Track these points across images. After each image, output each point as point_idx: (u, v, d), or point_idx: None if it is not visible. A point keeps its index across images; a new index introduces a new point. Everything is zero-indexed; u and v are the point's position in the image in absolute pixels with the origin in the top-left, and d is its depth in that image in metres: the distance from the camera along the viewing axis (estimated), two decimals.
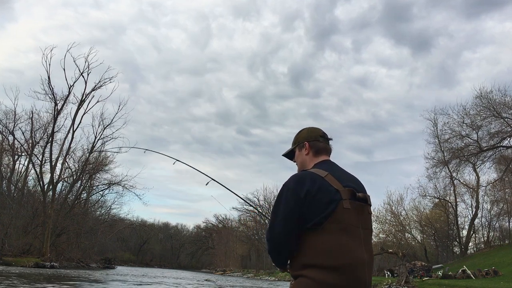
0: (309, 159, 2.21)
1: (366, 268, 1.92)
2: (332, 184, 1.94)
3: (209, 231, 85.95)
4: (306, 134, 2.28)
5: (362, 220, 1.98)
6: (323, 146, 2.24)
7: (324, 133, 2.30)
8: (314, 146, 2.22)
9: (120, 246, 74.70)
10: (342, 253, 1.86)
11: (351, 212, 1.93)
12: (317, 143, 2.23)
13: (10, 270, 23.49)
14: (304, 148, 2.24)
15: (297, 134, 2.33)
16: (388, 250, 24.71)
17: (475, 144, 34.04)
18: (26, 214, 37.18)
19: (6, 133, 39.74)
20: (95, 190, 47.46)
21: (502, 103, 31.26)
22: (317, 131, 2.29)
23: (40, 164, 39.10)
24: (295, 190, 1.93)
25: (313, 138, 2.24)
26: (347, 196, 1.93)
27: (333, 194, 1.92)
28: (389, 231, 38.70)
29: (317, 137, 2.25)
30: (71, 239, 41.91)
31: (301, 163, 2.26)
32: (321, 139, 2.25)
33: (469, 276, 22.12)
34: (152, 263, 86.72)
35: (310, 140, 2.24)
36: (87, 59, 38.73)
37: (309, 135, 2.26)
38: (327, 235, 1.88)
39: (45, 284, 15.91)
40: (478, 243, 41.49)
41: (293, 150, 2.31)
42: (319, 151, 2.22)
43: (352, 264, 1.87)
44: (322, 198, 1.90)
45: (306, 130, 2.30)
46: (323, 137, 2.26)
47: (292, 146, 2.32)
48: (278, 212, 1.95)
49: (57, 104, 38.71)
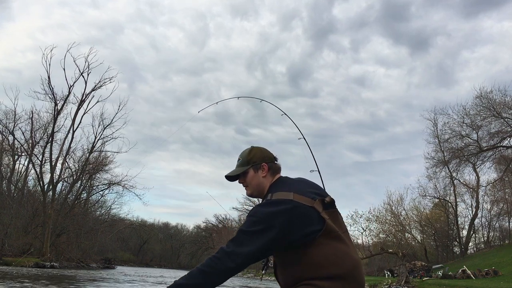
0: (266, 180, 2.14)
1: (361, 268, 1.97)
2: (304, 202, 1.91)
3: (209, 231, 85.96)
4: (262, 154, 2.19)
5: (339, 224, 2.00)
6: (277, 167, 2.19)
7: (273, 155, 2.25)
8: (272, 168, 2.16)
9: (120, 246, 74.65)
10: (342, 261, 1.88)
11: (331, 220, 1.95)
12: (274, 164, 2.18)
13: (10, 270, 23.48)
14: (261, 170, 2.15)
15: (247, 155, 2.20)
16: (388, 250, 24.69)
17: (475, 144, 34.04)
18: (26, 214, 37.18)
19: (6, 133, 39.78)
20: (95, 190, 47.49)
21: (502, 103, 31.27)
22: (270, 153, 2.23)
23: (40, 164, 39.12)
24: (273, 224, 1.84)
25: (270, 159, 2.18)
26: (321, 207, 1.93)
27: (310, 212, 1.90)
28: (389, 231, 38.66)
29: (273, 158, 2.20)
30: (71, 239, 41.88)
31: (258, 185, 2.16)
32: (275, 161, 2.21)
33: (469, 276, 22.12)
34: (152, 263, 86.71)
35: (268, 162, 2.17)
36: (87, 59, 38.80)
37: (265, 155, 2.19)
38: (324, 246, 1.87)
39: (45, 284, 15.91)
40: (478, 243, 41.52)
41: (246, 171, 2.17)
42: (275, 172, 2.17)
43: (355, 268, 1.91)
44: (308, 221, 1.88)
45: (260, 151, 2.22)
46: (275, 159, 2.22)
47: (245, 166, 2.18)
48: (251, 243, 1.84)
49: (57, 104, 38.76)
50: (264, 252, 1.88)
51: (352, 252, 1.96)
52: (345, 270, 1.87)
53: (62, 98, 38.79)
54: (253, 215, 1.91)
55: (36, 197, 41.37)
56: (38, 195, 41.27)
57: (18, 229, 34.78)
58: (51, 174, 38.88)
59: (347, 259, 1.90)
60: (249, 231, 1.86)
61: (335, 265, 1.86)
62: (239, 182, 2.23)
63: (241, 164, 2.21)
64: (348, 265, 1.89)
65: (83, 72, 38.86)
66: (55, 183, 38.92)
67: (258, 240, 1.84)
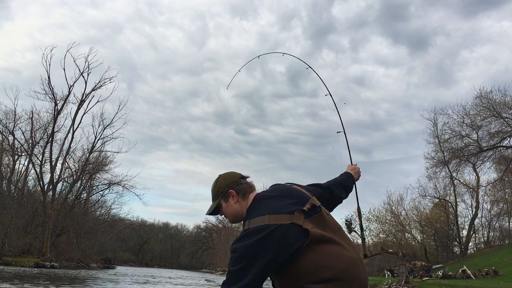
0: (240, 205, 2.10)
1: (358, 264, 1.93)
2: (281, 222, 1.88)
3: (209, 231, 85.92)
4: (225, 182, 2.14)
5: (327, 226, 1.98)
6: (246, 186, 2.14)
7: (240, 174, 2.19)
8: (240, 191, 2.11)
9: (120, 246, 74.64)
10: (335, 261, 1.88)
11: (317, 227, 1.93)
12: (241, 186, 2.12)
13: (10, 270, 23.48)
14: (231, 197, 2.11)
15: (214, 187, 2.17)
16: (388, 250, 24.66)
17: (475, 144, 34.01)
18: (26, 214, 37.17)
19: (6, 133, 39.81)
20: (95, 190, 47.54)
21: (502, 103, 31.24)
22: (234, 175, 2.17)
23: (40, 164, 39.14)
24: (255, 256, 1.84)
25: (234, 183, 2.13)
26: (301, 219, 1.91)
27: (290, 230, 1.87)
28: (389, 231, 38.65)
29: (238, 180, 2.14)
30: (71, 239, 41.90)
31: (234, 213, 2.12)
32: (243, 181, 2.15)
33: (469, 276, 22.10)
34: (152, 263, 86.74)
35: (233, 187, 2.11)
36: (87, 59, 38.83)
37: (229, 182, 2.14)
38: (312, 254, 1.87)
39: (45, 284, 15.90)
40: (478, 243, 41.51)
41: (218, 204, 2.15)
42: (246, 192, 2.11)
43: (350, 266, 1.89)
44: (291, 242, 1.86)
45: (223, 178, 2.17)
46: (242, 178, 2.17)
47: (216, 200, 2.15)
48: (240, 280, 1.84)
49: (57, 104, 38.80)
50: (258, 281, 1.86)
51: (347, 251, 1.93)
52: (337, 271, 1.85)
53: (62, 98, 38.89)
54: (234, 251, 1.89)
55: (36, 197, 41.37)
56: (38, 195, 41.28)
57: (18, 229, 34.77)
58: (51, 174, 38.96)
59: (338, 260, 1.88)
60: (235, 269, 1.85)
61: (326, 268, 1.86)
62: (220, 215, 2.22)
63: (213, 199, 2.19)
64: (341, 266, 1.87)
65: (83, 72, 38.95)
66: (55, 183, 38.94)
67: (246, 276, 1.83)
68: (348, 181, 2.56)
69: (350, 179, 2.57)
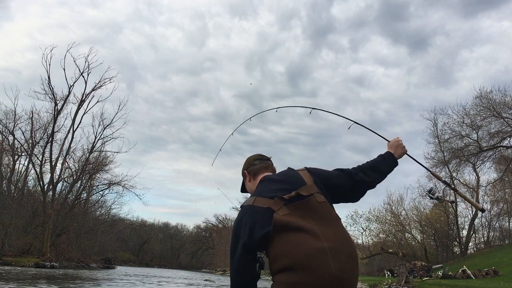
0: (252, 184, 2.37)
1: (329, 257, 1.83)
2: (260, 205, 2.04)
3: (209, 231, 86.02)
4: (245, 164, 2.47)
5: (310, 215, 1.98)
6: (259, 167, 2.40)
7: (259, 155, 2.47)
8: (251, 172, 2.41)
9: (120, 246, 74.67)
10: (293, 251, 1.88)
11: (292, 215, 1.96)
12: (253, 167, 2.41)
13: (10, 270, 23.48)
14: (246, 177, 2.44)
15: (242, 168, 2.50)
16: (388, 250, 24.68)
17: (475, 144, 34.00)
18: (26, 214, 37.18)
19: (6, 133, 39.83)
20: (95, 190, 47.58)
21: (502, 103, 31.21)
22: (252, 157, 2.47)
23: (40, 164, 39.15)
24: (237, 234, 2.07)
25: (249, 164, 2.43)
26: (279, 205, 2.00)
27: (263, 214, 2.00)
28: (389, 231, 38.68)
29: (252, 162, 2.43)
30: (71, 239, 41.91)
31: (249, 191, 2.42)
32: (256, 162, 2.42)
33: (469, 276, 22.10)
34: (152, 263, 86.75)
35: (247, 168, 2.43)
36: (87, 59, 38.85)
37: (246, 164, 2.46)
38: (277, 241, 1.94)
39: (45, 284, 15.90)
40: (478, 243, 41.52)
41: (242, 182, 2.51)
42: (256, 173, 2.38)
43: (306, 259, 1.83)
44: (257, 224, 1.99)
45: (245, 161, 2.49)
46: (258, 159, 2.44)
47: (242, 179, 2.52)
48: (232, 261, 2.11)
49: (57, 104, 38.81)
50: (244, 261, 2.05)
51: (317, 241, 1.86)
52: (295, 260, 1.84)
53: (62, 98, 38.90)
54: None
55: (36, 197, 41.38)
56: (38, 195, 41.29)
57: (18, 229, 34.78)
58: (51, 174, 38.98)
59: (300, 248, 1.85)
60: (230, 245, 2.13)
61: (286, 257, 1.88)
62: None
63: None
64: (299, 256, 1.84)
65: (83, 72, 38.97)
66: (55, 183, 38.95)
67: (236, 252, 2.08)
68: (382, 163, 2.38)
69: (386, 159, 2.39)
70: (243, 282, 2.09)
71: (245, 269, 2.06)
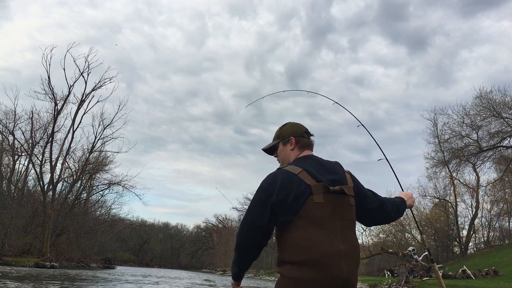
0: (293, 154, 2.22)
1: (342, 259, 1.90)
2: (305, 180, 1.97)
3: (209, 231, 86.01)
4: (291, 129, 2.28)
5: (339, 212, 1.99)
6: (307, 141, 2.26)
7: (307, 129, 2.32)
8: (299, 142, 2.24)
9: (120, 246, 74.64)
10: (310, 247, 1.87)
11: (324, 206, 1.95)
12: (302, 139, 2.25)
13: (10, 270, 23.48)
14: (289, 143, 2.25)
15: (280, 129, 2.33)
16: (388, 250, 24.68)
17: (475, 144, 34.00)
18: (26, 214, 37.18)
19: (6, 133, 39.83)
20: (95, 190, 47.58)
21: (502, 103, 31.24)
22: (301, 127, 2.30)
23: (40, 164, 39.15)
24: (268, 190, 1.98)
25: (299, 134, 2.26)
26: (319, 191, 1.96)
27: (302, 190, 1.94)
28: (389, 231, 38.69)
29: (302, 133, 2.27)
30: (71, 239, 41.91)
31: (283, 158, 2.27)
32: (306, 135, 2.27)
33: (469, 276, 22.10)
34: (152, 263, 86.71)
35: (296, 136, 2.25)
36: (87, 59, 38.86)
37: (294, 130, 2.28)
38: (297, 230, 1.91)
39: (45, 284, 15.90)
40: (478, 243, 41.49)
41: (276, 145, 2.30)
42: (304, 146, 2.24)
43: (323, 257, 1.86)
44: (292, 195, 1.94)
45: (290, 125, 2.32)
46: (307, 133, 2.29)
47: (275, 141, 2.31)
48: (249, 211, 2.02)
49: (57, 104, 38.83)
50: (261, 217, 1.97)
51: (330, 241, 1.90)
52: (310, 257, 1.86)
53: (62, 98, 38.91)
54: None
55: (36, 197, 41.38)
56: (38, 195, 41.29)
57: (18, 229, 34.78)
58: (51, 174, 38.98)
59: (315, 247, 1.87)
60: (253, 199, 2.05)
61: (301, 252, 1.87)
62: (274, 156, 2.36)
63: (273, 139, 2.34)
64: (315, 253, 1.86)
65: (83, 72, 38.98)
66: (55, 183, 38.95)
67: (257, 205, 2.00)
68: (402, 204, 2.47)
69: (403, 203, 2.49)
70: (253, 241, 2.02)
71: (262, 226, 1.98)
